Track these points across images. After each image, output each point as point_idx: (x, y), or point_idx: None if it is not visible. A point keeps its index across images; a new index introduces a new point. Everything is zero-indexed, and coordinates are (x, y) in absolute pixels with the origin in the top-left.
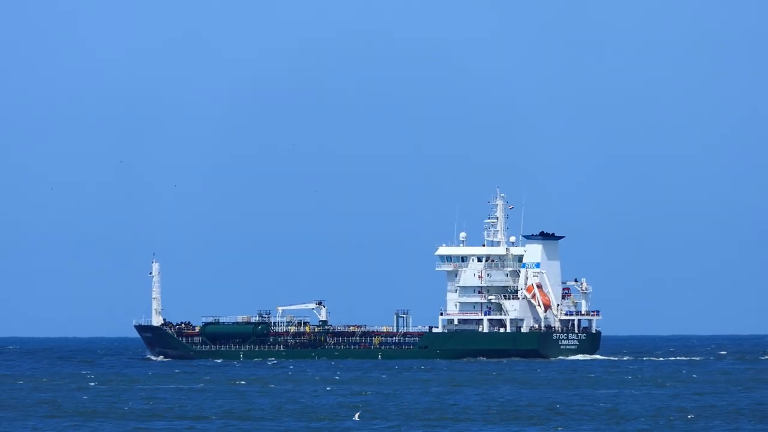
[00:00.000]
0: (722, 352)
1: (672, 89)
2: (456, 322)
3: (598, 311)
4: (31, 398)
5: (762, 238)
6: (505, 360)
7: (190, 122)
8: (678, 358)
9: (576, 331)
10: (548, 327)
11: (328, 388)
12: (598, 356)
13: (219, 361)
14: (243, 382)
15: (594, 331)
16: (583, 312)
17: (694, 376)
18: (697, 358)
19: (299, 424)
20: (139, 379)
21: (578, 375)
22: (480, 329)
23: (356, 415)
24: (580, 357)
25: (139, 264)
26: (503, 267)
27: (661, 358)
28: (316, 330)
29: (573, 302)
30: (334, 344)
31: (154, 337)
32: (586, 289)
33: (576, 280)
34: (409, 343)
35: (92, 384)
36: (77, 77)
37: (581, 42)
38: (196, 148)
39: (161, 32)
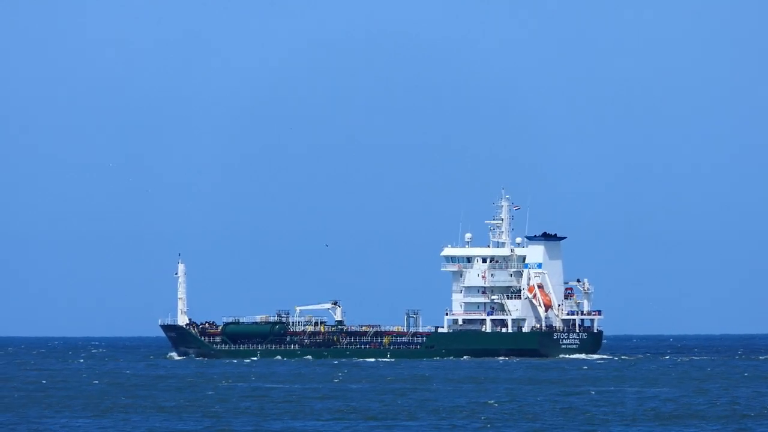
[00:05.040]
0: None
1: (682, 96)
2: (461, 322)
3: (599, 311)
4: None
5: (763, 237)
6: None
7: (210, 124)
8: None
9: (577, 331)
10: (550, 327)
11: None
12: (597, 355)
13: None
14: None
15: (596, 331)
16: (585, 312)
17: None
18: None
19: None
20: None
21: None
22: (483, 329)
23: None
24: (581, 356)
25: (166, 265)
26: (507, 267)
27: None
28: (330, 330)
29: (576, 302)
30: (347, 344)
31: (177, 336)
32: (588, 289)
33: (578, 281)
34: (417, 343)
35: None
36: (93, 78)
37: (592, 44)
38: (217, 151)
39: (172, 30)
